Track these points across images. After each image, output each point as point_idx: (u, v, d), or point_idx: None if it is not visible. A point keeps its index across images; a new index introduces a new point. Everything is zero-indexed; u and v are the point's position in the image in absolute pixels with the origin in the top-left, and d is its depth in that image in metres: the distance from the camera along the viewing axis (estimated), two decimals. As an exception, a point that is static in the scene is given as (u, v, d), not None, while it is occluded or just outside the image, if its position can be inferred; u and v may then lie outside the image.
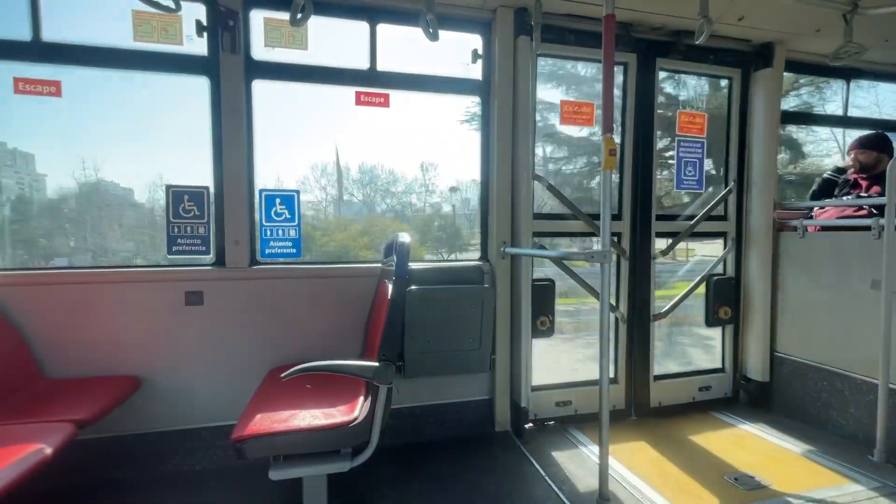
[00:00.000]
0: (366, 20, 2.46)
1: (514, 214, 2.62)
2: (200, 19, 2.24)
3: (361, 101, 2.49)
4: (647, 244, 2.88)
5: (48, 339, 2.12)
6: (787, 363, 2.94)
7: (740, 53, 2.98)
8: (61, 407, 1.81)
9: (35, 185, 6.67)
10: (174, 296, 2.24)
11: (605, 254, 1.83)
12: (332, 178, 3.50)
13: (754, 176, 3.04)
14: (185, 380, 2.27)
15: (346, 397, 1.81)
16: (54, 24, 2.16)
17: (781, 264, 3.00)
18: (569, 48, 2.66)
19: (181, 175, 2.31)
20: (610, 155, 1.84)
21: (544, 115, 3.12)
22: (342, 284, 2.45)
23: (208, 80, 2.28)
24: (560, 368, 3.13)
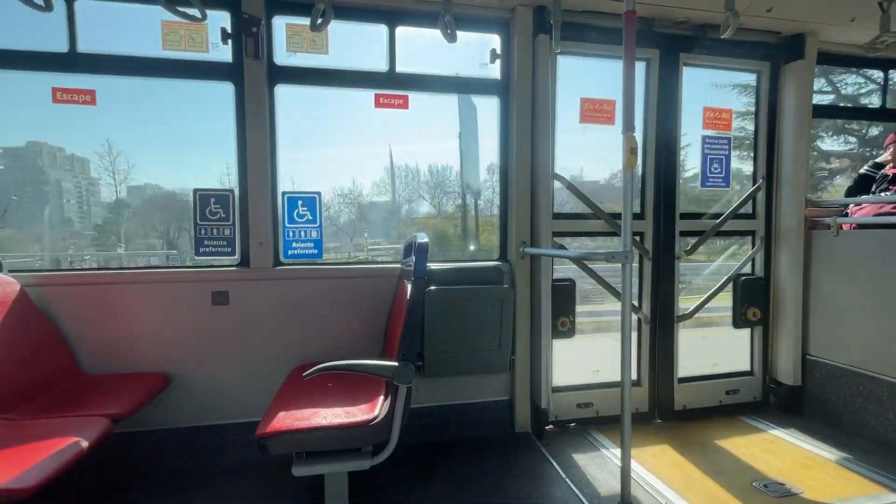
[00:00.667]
0: (384, 23, 2.49)
1: (534, 214, 2.60)
2: (225, 27, 2.31)
3: (381, 103, 2.52)
4: (671, 243, 2.82)
5: (84, 337, 2.22)
6: (820, 367, 2.83)
7: (769, 46, 2.88)
8: (97, 402, 1.89)
9: (90, 189, 6.94)
10: (201, 296, 2.32)
11: (627, 254, 1.80)
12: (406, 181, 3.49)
13: (784, 172, 2.93)
14: (211, 377, 2.34)
15: (366, 396, 1.84)
16: (89, 35, 2.25)
17: (814, 264, 2.88)
18: (589, 45, 2.62)
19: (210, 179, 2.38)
20: (631, 153, 1.81)
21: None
22: (362, 285, 2.49)
23: (233, 86, 2.34)
24: (581, 368, 3.09)
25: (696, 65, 2.86)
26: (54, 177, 10.46)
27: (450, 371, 2.49)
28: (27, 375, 1.93)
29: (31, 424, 1.69)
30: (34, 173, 15.57)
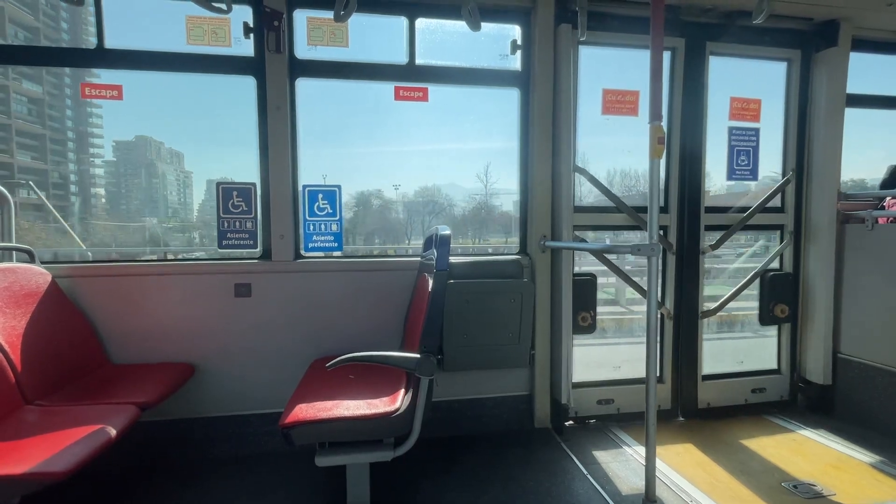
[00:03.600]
0: (405, 15, 2.47)
1: (555, 207, 2.57)
2: (248, 21, 2.32)
3: (401, 95, 2.51)
4: (696, 238, 2.75)
5: (113, 327, 2.27)
6: (852, 365, 2.73)
7: (800, 33, 2.78)
8: (125, 390, 1.93)
9: (186, 181, 7.18)
10: (225, 287, 2.35)
11: (654, 247, 1.75)
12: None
13: (816, 165, 2.83)
14: (234, 368, 2.37)
15: (388, 388, 1.84)
16: (116, 31, 2.29)
17: (846, 259, 2.78)
18: (612, 35, 2.57)
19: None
20: (658, 143, 1.76)
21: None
22: (382, 278, 2.49)
23: (254, 80, 2.36)
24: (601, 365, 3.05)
25: (723, 54, 2.77)
26: (161, 169, 10.81)
27: (469, 365, 2.48)
28: (58, 364, 1.98)
29: (62, 411, 1.74)
30: (146, 165, 15.66)
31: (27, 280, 2.02)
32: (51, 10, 33.23)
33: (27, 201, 12.29)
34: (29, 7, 31.86)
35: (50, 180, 35.93)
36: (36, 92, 36.35)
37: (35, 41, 31.02)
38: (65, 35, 36.14)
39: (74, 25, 37.32)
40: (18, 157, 34.69)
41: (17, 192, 10.71)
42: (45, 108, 35.09)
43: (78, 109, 38.63)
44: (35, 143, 35.97)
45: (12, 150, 34.46)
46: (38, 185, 33.63)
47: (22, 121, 35.10)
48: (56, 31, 35.50)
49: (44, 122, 35.87)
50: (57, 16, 34.56)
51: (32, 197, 10.50)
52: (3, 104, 33.21)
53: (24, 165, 34.66)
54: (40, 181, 34.55)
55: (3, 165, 33.56)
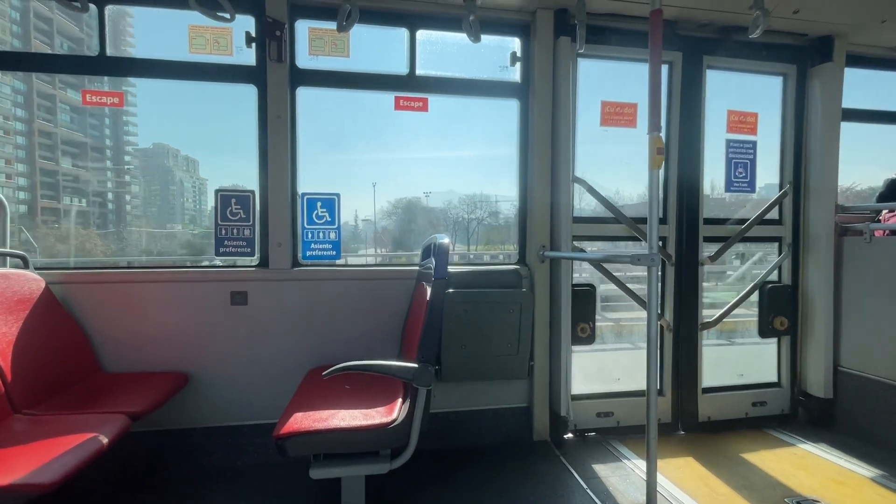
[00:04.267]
0: (405, 26, 2.50)
1: (554, 217, 2.57)
2: (250, 31, 2.34)
3: (401, 105, 2.52)
4: (694, 249, 2.75)
5: (106, 335, 2.24)
6: (853, 379, 2.71)
7: (795, 48, 2.82)
8: (116, 399, 1.89)
9: (201, 188, 7.28)
10: (221, 295, 2.32)
11: (654, 256, 1.75)
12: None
13: (813, 178, 2.85)
14: (229, 377, 2.34)
15: (384, 399, 1.81)
16: (117, 39, 2.30)
17: (845, 272, 2.78)
18: (610, 48, 2.60)
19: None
20: (658, 154, 1.77)
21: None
22: (380, 287, 2.47)
23: (255, 89, 2.37)
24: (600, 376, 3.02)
25: (719, 67, 2.81)
26: (179, 176, 11.00)
27: (467, 376, 2.45)
28: (50, 372, 1.95)
29: (52, 420, 1.70)
30: (163, 172, 16.15)
31: (20, 286, 2.00)
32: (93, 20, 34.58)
33: (70, 208, 12.39)
34: (74, 19, 32.59)
35: (90, 187, 37.24)
36: (77, 101, 37.54)
37: (79, 51, 31.79)
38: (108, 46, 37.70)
39: (115, 37, 38.35)
40: (62, 163, 35.98)
41: (63, 199, 10.98)
42: (87, 116, 36.16)
43: (115, 118, 40.20)
44: (76, 151, 37.38)
45: (57, 158, 35.66)
46: (78, 192, 34.76)
47: (66, 129, 36.16)
48: (90, 46, 36.61)
49: (85, 130, 37.12)
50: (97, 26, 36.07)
51: (76, 203, 10.67)
52: (50, 112, 34.16)
53: (66, 172, 36.06)
54: (79, 188, 35.84)
55: (48, 172, 34.46)
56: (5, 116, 34.55)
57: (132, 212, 39.07)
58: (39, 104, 32.96)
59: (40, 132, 34.74)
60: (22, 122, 34.84)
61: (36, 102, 34.22)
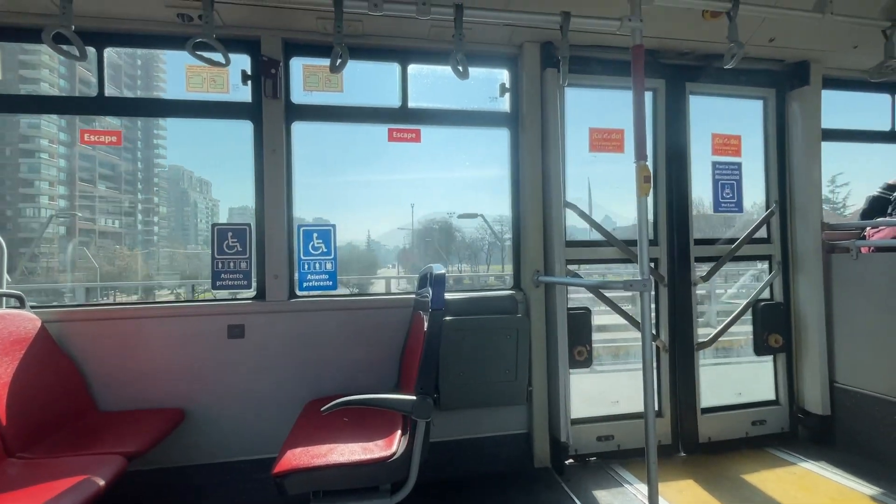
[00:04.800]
0: (397, 61, 2.58)
1: (547, 243, 2.60)
2: (245, 69, 2.41)
3: (394, 137, 2.58)
4: (687, 269, 2.79)
5: (102, 372, 2.22)
6: (849, 395, 2.73)
7: (773, 73, 2.93)
8: (112, 439, 1.87)
9: (214, 209, 7.37)
10: (217, 329, 2.32)
11: (645, 282, 1.78)
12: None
13: (798, 196, 2.92)
14: (226, 412, 2.32)
15: (383, 431, 1.80)
16: (116, 80, 2.36)
17: (835, 288, 2.83)
18: (596, 77, 2.69)
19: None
20: (644, 182, 1.82)
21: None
22: (377, 316, 2.48)
23: (252, 124, 2.43)
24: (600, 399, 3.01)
25: (702, 93, 2.91)
26: (193, 197, 11.29)
27: (466, 403, 2.44)
28: (44, 413, 1.93)
29: (46, 463, 1.68)
30: (179, 194, 16.76)
31: (16, 326, 1.99)
32: (122, 62, 35.46)
33: (105, 229, 12.60)
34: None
35: (122, 209, 38.21)
36: (115, 125, 39.79)
37: (88, 92, 33.95)
38: (138, 91, 40.53)
39: (148, 80, 41.45)
40: (98, 186, 37.64)
41: (98, 221, 11.34)
42: (122, 140, 38.20)
43: (147, 140, 41.64)
44: (111, 173, 39.22)
45: (95, 180, 37.18)
46: (112, 213, 35.60)
47: (104, 152, 37.02)
48: (130, 87, 38.77)
49: (119, 154, 39.04)
50: (120, 75, 37.51)
51: (109, 225, 10.85)
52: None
53: (101, 195, 37.85)
54: (113, 208, 36.95)
55: (87, 196, 35.90)
56: (50, 140, 35.79)
57: (159, 232, 41.23)
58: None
59: (81, 155, 36.33)
60: (65, 145, 36.24)
61: (78, 126, 35.79)
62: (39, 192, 35.12)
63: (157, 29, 2.30)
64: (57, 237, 35.31)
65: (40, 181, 34.97)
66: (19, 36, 2.22)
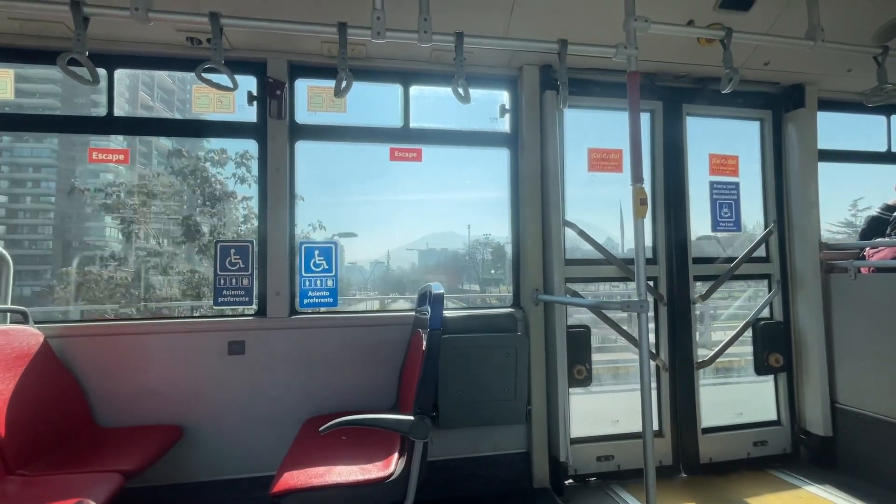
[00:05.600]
0: (399, 83, 2.64)
1: (546, 261, 2.62)
2: (252, 90, 2.47)
3: (395, 156, 2.62)
4: (686, 288, 2.80)
5: (102, 388, 2.23)
6: (851, 416, 2.71)
7: (769, 95, 2.98)
8: (110, 457, 1.87)
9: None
10: (218, 345, 2.34)
11: (643, 303, 1.79)
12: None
13: (796, 216, 2.94)
14: (224, 429, 2.31)
15: (381, 451, 1.80)
16: (125, 100, 2.43)
17: (834, 308, 2.83)
18: (594, 99, 2.74)
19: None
20: (641, 204, 1.84)
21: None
22: (376, 333, 2.49)
23: (256, 143, 2.48)
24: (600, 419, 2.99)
25: (699, 114, 2.95)
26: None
27: (465, 422, 2.43)
28: (43, 429, 1.93)
29: (44, 481, 1.68)
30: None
31: (19, 342, 2.01)
32: (172, 83, 37.12)
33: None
34: (148, 87, 34.75)
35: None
36: (167, 146, 42.52)
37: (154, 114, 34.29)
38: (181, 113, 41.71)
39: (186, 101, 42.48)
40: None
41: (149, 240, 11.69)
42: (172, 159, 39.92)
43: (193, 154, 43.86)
44: (167, 191, 40.60)
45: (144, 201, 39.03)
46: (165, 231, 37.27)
47: (161, 172, 40.27)
48: (171, 107, 40.81)
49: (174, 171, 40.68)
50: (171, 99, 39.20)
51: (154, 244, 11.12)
52: (145, 158, 38.01)
53: (157, 213, 39.27)
54: (168, 229, 38.76)
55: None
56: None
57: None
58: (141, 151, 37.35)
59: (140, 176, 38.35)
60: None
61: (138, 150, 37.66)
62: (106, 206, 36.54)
63: (166, 51, 2.37)
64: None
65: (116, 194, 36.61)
66: (33, 58, 2.28)
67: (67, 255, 32.00)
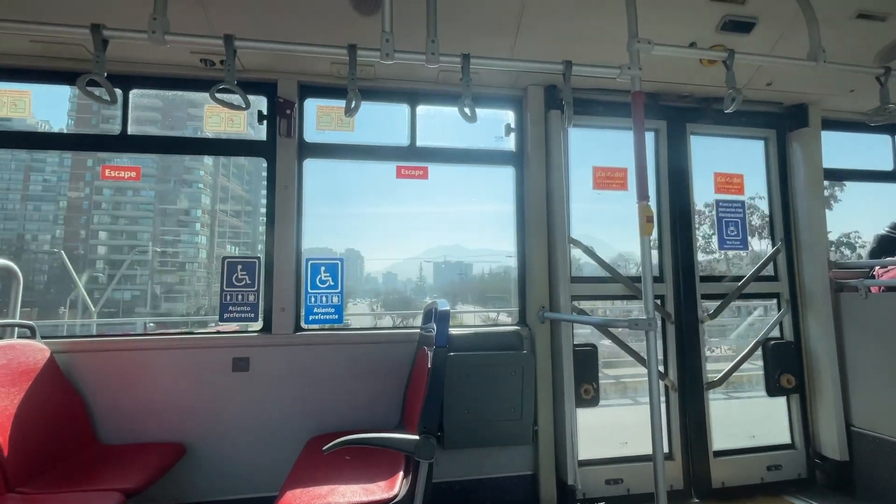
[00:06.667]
0: (406, 103, 2.69)
1: (552, 278, 2.61)
2: (262, 109, 2.52)
3: (402, 174, 2.65)
4: (693, 307, 2.77)
5: (105, 404, 2.22)
6: (867, 440, 2.63)
7: (773, 115, 3.00)
8: (111, 475, 1.85)
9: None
10: (222, 362, 2.33)
11: (650, 321, 1.77)
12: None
13: (803, 235, 2.92)
14: (227, 448, 2.29)
15: (385, 471, 1.77)
16: (138, 118, 2.48)
17: (845, 328, 2.78)
18: (598, 118, 2.77)
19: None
20: (647, 222, 1.84)
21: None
22: (381, 350, 2.47)
23: (265, 161, 2.51)
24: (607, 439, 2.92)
25: (702, 133, 2.97)
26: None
27: (470, 442, 2.39)
28: (47, 446, 1.92)
29: (45, 499, 1.66)
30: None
31: (25, 357, 2.02)
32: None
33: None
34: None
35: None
36: (237, 187, 44.56)
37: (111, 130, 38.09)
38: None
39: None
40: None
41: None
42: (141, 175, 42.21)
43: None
44: (240, 207, 43.77)
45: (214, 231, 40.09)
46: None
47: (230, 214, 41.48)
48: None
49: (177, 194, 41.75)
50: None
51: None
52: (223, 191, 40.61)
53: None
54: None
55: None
56: (206, 171, 39.58)
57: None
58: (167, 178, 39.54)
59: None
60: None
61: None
62: (195, 220, 39.37)
63: (180, 72, 2.43)
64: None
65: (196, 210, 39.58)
66: (53, 79, 2.35)
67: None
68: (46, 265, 41.59)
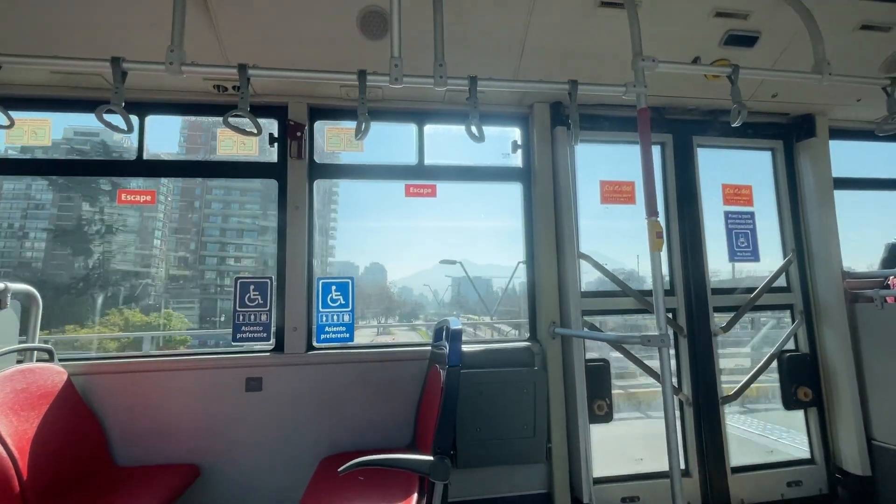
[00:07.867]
0: (414, 122, 2.73)
1: (562, 293, 2.61)
2: (273, 132, 2.58)
3: (411, 192, 2.69)
4: (706, 320, 2.75)
5: (121, 426, 2.24)
6: (889, 454, 2.57)
7: (780, 126, 3.00)
8: (126, 497, 1.86)
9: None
10: (235, 382, 2.34)
11: (663, 337, 1.77)
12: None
13: (815, 245, 2.90)
14: (241, 469, 2.29)
15: (399, 493, 1.76)
16: (154, 143, 2.55)
17: (862, 339, 2.74)
18: (605, 133, 2.79)
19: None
20: (657, 237, 1.85)
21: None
22: (393, 368, 2.48)
23: (277, 183, 2.56)
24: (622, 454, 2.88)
25: (709, 146, 2.98)
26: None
27: (483, 461, 2.37)
28: (63, 468, 1.93)
29: (63, 523, 1.67)
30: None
31: (44, 380, 2.05)
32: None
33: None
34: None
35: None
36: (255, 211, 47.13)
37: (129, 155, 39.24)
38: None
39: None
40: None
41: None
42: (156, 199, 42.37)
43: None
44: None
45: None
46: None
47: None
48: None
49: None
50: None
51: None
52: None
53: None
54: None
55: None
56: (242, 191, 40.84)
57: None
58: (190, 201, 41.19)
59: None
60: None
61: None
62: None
63: (194, 98, 2.50)
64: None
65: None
66: (72, 107, 2.43)
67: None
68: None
